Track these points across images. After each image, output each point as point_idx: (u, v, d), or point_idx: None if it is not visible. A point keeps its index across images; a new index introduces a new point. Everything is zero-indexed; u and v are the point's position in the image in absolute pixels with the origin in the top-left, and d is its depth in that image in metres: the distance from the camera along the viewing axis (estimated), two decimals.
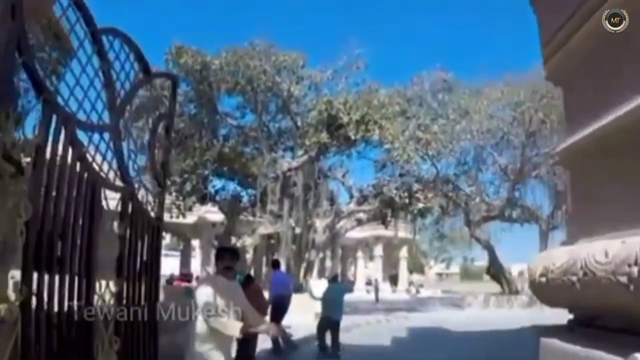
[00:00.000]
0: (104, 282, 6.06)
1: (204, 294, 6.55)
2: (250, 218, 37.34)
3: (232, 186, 38.86)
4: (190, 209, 36.76)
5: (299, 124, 31.62)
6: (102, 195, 5.85)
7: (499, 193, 41.71)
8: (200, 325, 6.50)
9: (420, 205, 31.19)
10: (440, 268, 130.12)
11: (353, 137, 28.39)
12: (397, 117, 29.94)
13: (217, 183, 38.66)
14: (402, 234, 50.60)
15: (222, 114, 34.35)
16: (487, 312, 36.97)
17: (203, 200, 37.26)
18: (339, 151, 32.94)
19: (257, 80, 30.18)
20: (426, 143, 29.04)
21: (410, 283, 67.59)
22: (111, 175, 6.43)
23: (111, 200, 6.34)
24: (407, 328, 25.64)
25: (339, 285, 18.60)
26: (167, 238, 76.15)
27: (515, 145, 37.45)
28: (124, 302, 6.43)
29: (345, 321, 27.26)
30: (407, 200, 31.09)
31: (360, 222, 36.17)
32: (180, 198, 35.23)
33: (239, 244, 36.23)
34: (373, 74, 43.87)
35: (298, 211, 31.26)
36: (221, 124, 35.38)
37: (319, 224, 33.02)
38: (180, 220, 39.56)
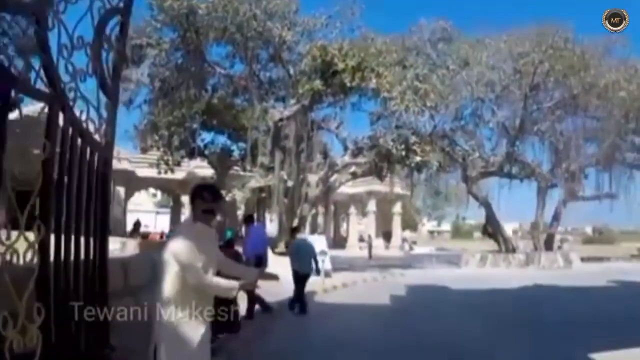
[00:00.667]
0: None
1: (185, 248, 4.78)
2: (241, 172, 35.90)
3: (222, 140, 37.50)
4: (178, 164, 35.43)
5: (292, 72, 29.79)
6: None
7: (497, 149, 40.18)
8: (170, 289, 4.80)
9: (418, 158, 29.51)
10: (432, 226, 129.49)
11: (349, 85, 26.60)
12: (394, 66, 28.20)
13: (206, 136, 37.34)
14: (396, 189, 48.94)
15: (211, 63, 32.54)
16: (484, 271, 35.93)
17: (192, 154, 35.85)
18: (333, 102, 31.34)
19: (247, 27, 28.30)
20: (424, 94, 27.23)
21: (404, 240, 66.34)
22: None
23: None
24: (406, 286, 24.29)
25: (307, 244, 17.30)
26: (158, 195, 75.03)
27: (516, 98, 35.71)
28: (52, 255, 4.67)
29: (340, 278, 26.25)
30: (403, 153, 29.43)
31: (354, 176, 34.55)
32: (168, 152, 33.60)
33: (228, 199, 34.58)
34: (369, 22, 41.72)
35: (290, 164, 29.60)
36: (210, 74, 33.70)
37: (312, 177, 31.40)
38: (169, 175, 38.56)
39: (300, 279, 16.11)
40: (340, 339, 12.48)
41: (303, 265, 16.10)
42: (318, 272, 16.60)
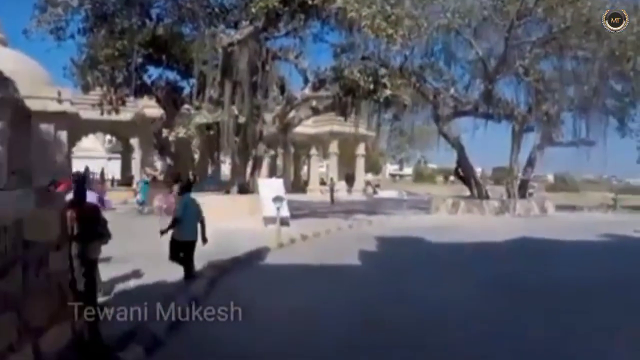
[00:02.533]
0: None
1: None
2: (193, 111, 31.71)
3: (171, 75, 32.73)
4: (123, 103, 31.40)
5: None
6: None
7: (471, 87, 36.80)
8: None
9: (388, 92, 25.76)
10: (394, 169, 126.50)
11: (310, 2, 22.36)
12: None
13: (154, 72, 32.63)
14: (360, 130, 45.03)
15: None
16: (457, 218, 32.98)
17: (138, 92, 32.01)
18: (292, 30, 27.16)
19: None
20: (396, 20, 23.14)
21: (367, 183, 63.04)
22: None
23: None
24: (376, 238, 20.67)
25: (195, 200, 12.65)
26: (113, 140, 70.29)
27: (497, 29, 31.98)
28: None
29: (300, 227, 22.54)
30: (371, 87, 25.65)
31: (316, 112, 30.62)
32: (112, 91, 29.89)
33: (171, 138, 30.63)
34: None
35: (242, 98, 25.51)
36: (155, 0, 29.41)
37: (268, 112, 27.40)
38: (115, 117, 35.07)
39: (180, 249, 12.03)
40: (294, 333, 8.73)
41: (185, 230, 11.95)
42: (204, 240, 12.11)
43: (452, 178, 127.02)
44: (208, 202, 25.67)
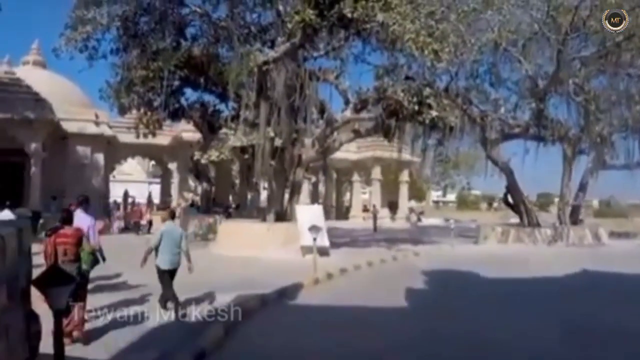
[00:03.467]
0: None
1: None
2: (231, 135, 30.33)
3: (209, 98, 31.49)
4: (160, 126, 29.94)
5: (281, 9, 23.77)
6: None
7: (521, 107, 34.24)
8: None
9: (434, 113, 23.89)
10: (437, 196, 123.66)
11: (349, 16, 20.49)
12: (406, 5, 22.01)
13: (192, 95, 31.40)
14: (403, 155, 42.96)
15: (190, 5, 26.95)
16: (507, 248, 30.49)
17: (175, 115, 30.69)
18: (331, 50, 25.54)
19: None
20: (441, 36, 21.21)
21: (411, 210, 60.67)
22: None
23: None
24: (424, 273, 18.45)
25: (175, 228, 12.35)
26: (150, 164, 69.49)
27: (549, 45, 29.60)
28: None
29: (339, 258, 20.69)
30: (416, 108, 23.82)
31: (357, 134, 28.67)
32: (148, 113, 28.81)
33: (203, 161, 29.17)
34: None
35: (279, 119, 23.75)
36: (189, 20, 28.17)
37: (307, 135, 25.69)
38: (154, 141, 34.70)
39: (161, 275, 11.60)
40: None
41: (162, 259, 11.54)
42: (189, 269, 11.69)
43: (495, 204, 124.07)
44: (242, 230, 24.63)
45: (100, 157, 39.65)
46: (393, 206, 57.01)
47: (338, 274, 17.80)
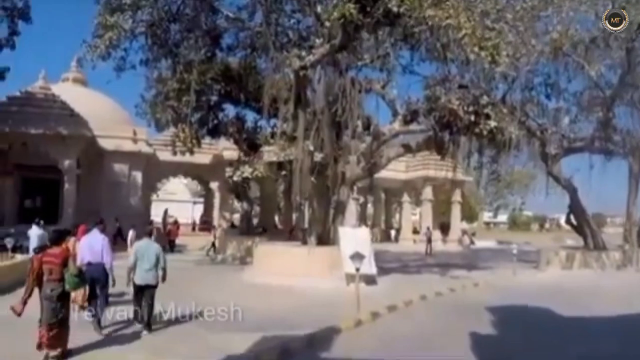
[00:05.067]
0: None
1: None
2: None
3: (249, 114, 29.13)
4: (198, 143, 27.45)
5: (319, 11, 21.08)
6: None
7: (579, 122, 31.07)
8: None
9: (492, 123, 20.98)
10: (487, 217, 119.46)
11: (395, 10, 17.60)
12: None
13: (231, 111, 29.12)
14: (452, 174, 39.85)
15: (225, 15, 24.67)
16: (574, 274, 27.06)
17: (214, 132, 28.53)
18: (376, 59, 23.00)
19: None
20: (498, 36, 18.24)
21: (464, 232, 57.32)
22: None
23: None
24: (487, 309, 15.30)
25: (151, 244, 12.22)
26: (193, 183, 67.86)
27: (616, 46, 26.26)
28: None
29: (388, 289, 17.98)
30: (472, 118, 21.00)
31: (408, 150, 25.80)
32: (186, 129, 25.98)
33: (235, 178, 26.72)
34: None
35: (319, 132, 21.09)
36: (224, 29, 25.73)
37: (351, 150, 23.02)
38: (194, 159, 32.86)
39: (136, 291, 11.84)
40: None
41: (137, 275, 11.75)
42: (163, 278, 11.86)
43: (547, 225, 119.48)
44: (280, 254, 21.98)
45: (138, 175, 38.34)
46: (445, 228, 53.89)
47: (385, 312, 14.62)
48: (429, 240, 41.43)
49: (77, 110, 33.47)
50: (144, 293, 11.48)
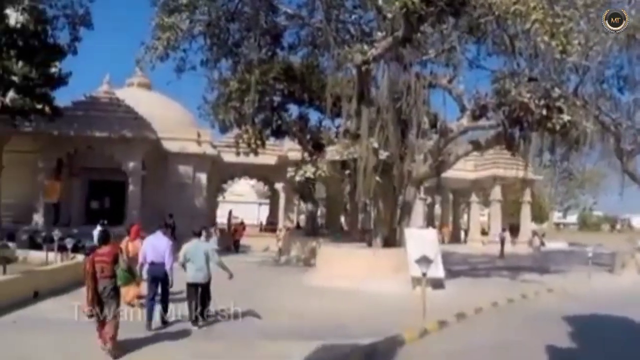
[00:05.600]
0: None
1: None
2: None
3: (313, 114, 28.68)
4: (262, 144, 26.98)
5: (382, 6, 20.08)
6: None
7: None
8: None
9: (566, 117, 19.62)
10: (557, 217, 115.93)
11: None
12: None
13: (295, 111, 28.59)
14: (522, 173, 38.13)
15: (284, 12, 24.10)
16: None
17: (278, 133, 28.10)
18: (441, 53, 21.96)
19: None
20: (568, 22, 16.93)
21: (534, 234, 54.99)
22: None
23: None
24: (565, 319, 13.97)
25: (200, 244, 12.81)
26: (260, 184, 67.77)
27: None
28: None
29: (459, 293, 17.19)
30: (544, 112, 19.72)
31: (477, 147, 24.56)
32: (249, 130, 25.85)
33: (297, 178, 25.84)
34: None
35: (384, 128, 20.09)
36: (284, 27, 25.29)
37: (417, 147, 22.06)
38: (258, 160, 32.26)
39: (190, 289, 12.27)
40: None
41: (189, 273, 12.36)
42: (230, 275, 12.44)
43: (618, 226, 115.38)
44: (344, 256, 21.07)
45: (202, 177, 38.10)
46: (514, 229, 52.00)
47: (453, 321, 13.48)
48: (503, 242, 39.89)
49: (142, 114, 33.80)
50: (196, 290, 12.01)
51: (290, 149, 37.73)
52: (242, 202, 64.96)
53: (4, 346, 9.74)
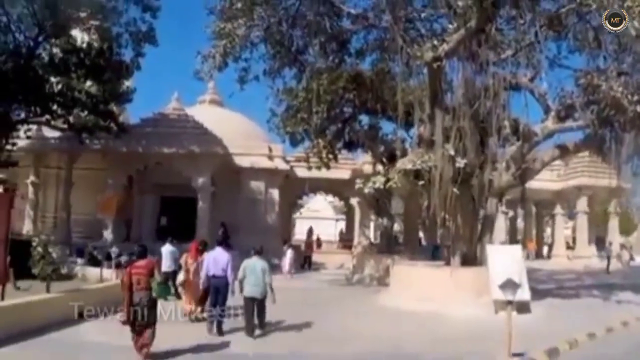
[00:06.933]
0: None
1: None
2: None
3: (387, 124, 26.78)
4: (335, 157, 26.20)
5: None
6: None
7: None
8: None
9: None
10: None
11: None
12: None
13: (368, 122, 26.78)
14: (609, 182, 34.92)
15: (348, 13, 21.90)
16: None
17: (350, 145, 27.02)
18: (519, 50, 19.66)
19: None
20: None
21: (622, 247, 50.88)
22: None
23: None
24: None
25: (258, 262, 13.01)
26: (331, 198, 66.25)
27: None
28: None
29: (550, 317, 15.13)
30: (638, 109, 17.21)
31: (564, 151, 21.74)
32: (320, 143, 24.91)
33: (366, 190, 23.74)
34: None
35: (460, 133, 17.84)
36: (351, 32, 23.25)
37: (498, 154, 19.98)
38: (332, 174, 31.62)
39: (247, 302, 12.70)
40: None
41: (245, 288, 12.75)
42: (273, 300, 12.76)
43: None
44: (419, 276, 18.93)
45: (274, 192, 36.86)
46: (601, 242, 48.37)
47: (568, 349, 11.31)
48: (609, 257, 37.78)
49: (212, 129, 33.03)
50: (253, 304, 12.53)
51: (365, 162, 35.63)
52: (320, 217, 63.79)
53: None
